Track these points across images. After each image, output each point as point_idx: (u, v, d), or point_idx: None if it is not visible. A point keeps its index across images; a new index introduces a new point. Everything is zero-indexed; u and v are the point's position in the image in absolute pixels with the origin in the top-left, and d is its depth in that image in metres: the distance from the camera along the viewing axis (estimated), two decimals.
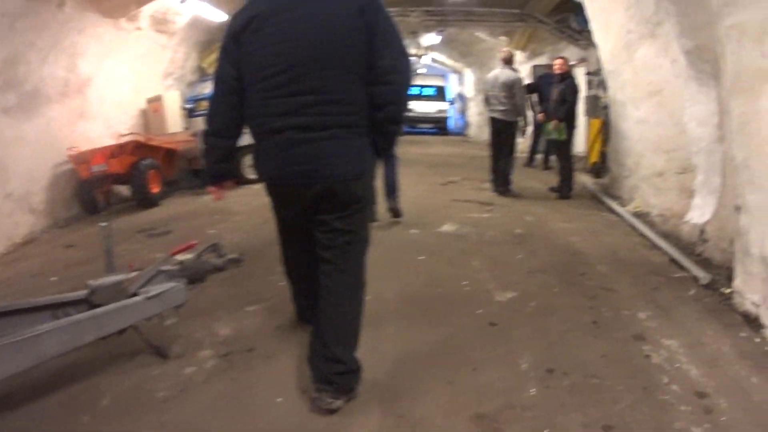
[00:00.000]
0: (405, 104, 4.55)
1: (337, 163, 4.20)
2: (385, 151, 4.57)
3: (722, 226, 7.63)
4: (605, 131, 14.71)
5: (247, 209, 11.39)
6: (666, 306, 6.33)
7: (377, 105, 4.23)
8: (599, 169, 15.02)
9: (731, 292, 6.44)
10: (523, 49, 22.40)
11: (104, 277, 4.83)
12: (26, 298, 5.50)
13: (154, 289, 4.85)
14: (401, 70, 4.27)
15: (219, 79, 4.48)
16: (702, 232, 8.15)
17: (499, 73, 13.06)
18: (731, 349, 5.32)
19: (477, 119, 32.79)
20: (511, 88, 12.75)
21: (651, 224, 9.81)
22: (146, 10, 14.27)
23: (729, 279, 6.67)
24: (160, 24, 15.21)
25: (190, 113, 16.39)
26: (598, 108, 16.26)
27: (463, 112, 39.56)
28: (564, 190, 12.86)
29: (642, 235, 9.40)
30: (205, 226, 10.01)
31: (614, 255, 8.34)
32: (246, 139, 4.66)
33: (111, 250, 5.00)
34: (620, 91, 12.16)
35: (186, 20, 15.92)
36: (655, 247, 8.73)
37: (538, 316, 6.03)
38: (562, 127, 12.60)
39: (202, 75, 18.35)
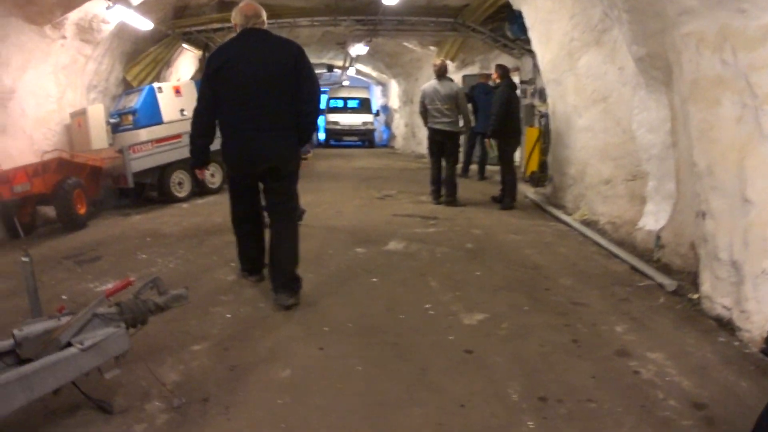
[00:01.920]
0: (317, 113, 7.06)
1: (278, 149, 6.53)
2: (305, 141, 7.02)
3: (679, 231, 7.58)
4: (544, 140, 14.55)
5: (177, 230, 10.91)
6: (640, 317, 6.18)
7: (303, 113, 6.58)
8: (538, 178, 14.83)
9: (699, 298, 6.47)
10: (452, 59, 22.17)
11: (30, 323, 4.15)
12: None
13: (90, 338, 4.17)
14: (315, 92, 6.74)
15: (202, 97, 6.66)
16: (658, 238, 8.03)
17: (437, 85, 12.93)
18: (714, 355, 5.29)
19: (403, 131, 32.65)
20: (455, 99, 12.74)
21: (602, 232, 9.69)
22: (72, 17, 13.48)
23: (694, 284, 6.80)
24: (86, 33, 14.36)
25: (114, 128, 15.67)
26: (535, 117, 16.15)
27: (388, 124, 39.41)
28: (507, 200, 12.65)
29: (596, 245, 9.22)
30: (136, 251, 9.39)
31: (574, 267, 8.12)
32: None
33: (35, 290, 4.34)
34: (561, 99, 12.10)
35: (111, 29, 15.12)
36: (612, 256, 8.57)
37: (514, 339, 5.64)
38: (493, 144, 12.54)
39: (126, 88, 17.56)
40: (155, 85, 15.79)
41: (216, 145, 6.87)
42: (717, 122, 6.03)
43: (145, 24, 15.94)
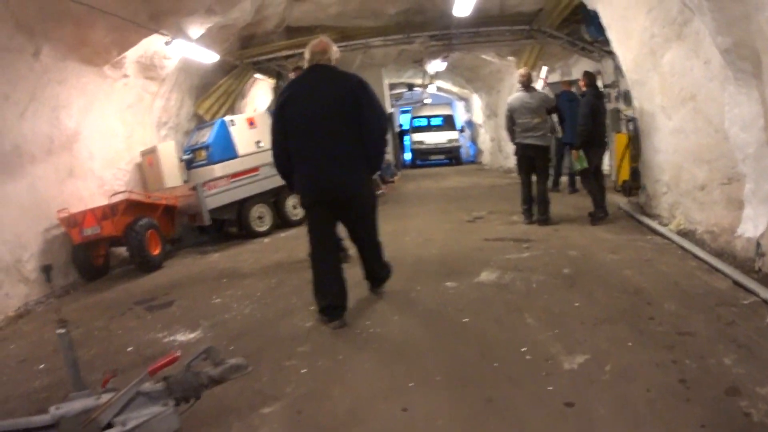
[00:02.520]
0: (383, 141, 7.36)
1: (348, 179, 6.99)
2: (375, 169, 7.46)
3: None
4: (633, 146, 13.86)
5: (257, 269, 10.68)
6: (747, 343, 5.57)
7: (367, 142, 7.02)
8: (630, 187, 14.11)
9: None
10: (533, 67, 21.64)
11: (71, 399, 3.81)
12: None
13: (134, 418, 3.77)
14: (378, 121, 7.14)
15: (273, 131, 7.23)
16: (758, 245, 7.39)
17: (524, 97, 12.30)
18: None
19: (489, 146, 32.44)
20: (547, 110, 12.34)
21: (700, 243, 9.07)
22: (131, 56, 13.56)
23: None
24: (148, 70, 14.46)
25: (188, 165, 15.54)
26: (621, 122, 15.48)
27: (473, 140, 39.27)
28: (597, 213, 12.06)
29: (696, 258, 8.56)
30: (211, 294, 9.17)
31: (676, 287, 7.44)
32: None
33: (75, 363, 4.01)
34: (648, 101, 11.60)
35: (175, 64, 15.15)
36: (713, 270, 7.91)
37: (618, 384, 5.03)
38: (581, 156, 11.88)
39: (199, 122, 17.52)
40: (227, 118, 15.67)
41: None
42: None
43: (209, 56, 15.94)
